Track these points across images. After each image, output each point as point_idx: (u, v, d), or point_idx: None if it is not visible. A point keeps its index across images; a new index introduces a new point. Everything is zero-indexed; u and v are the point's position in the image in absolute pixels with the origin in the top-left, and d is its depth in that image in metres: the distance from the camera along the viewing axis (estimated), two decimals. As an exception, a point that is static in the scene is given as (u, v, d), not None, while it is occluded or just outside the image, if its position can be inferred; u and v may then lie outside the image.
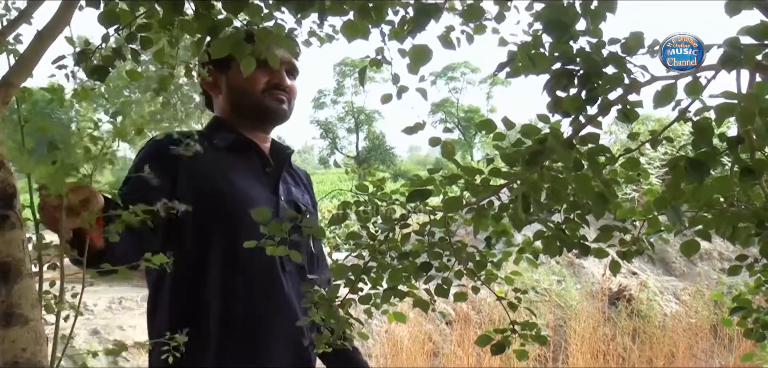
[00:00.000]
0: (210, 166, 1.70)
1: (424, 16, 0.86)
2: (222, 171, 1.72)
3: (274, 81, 1.82)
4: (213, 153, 1.72)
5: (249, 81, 1.79)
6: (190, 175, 1.65)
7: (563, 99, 0.87)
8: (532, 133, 0.88)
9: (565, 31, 0.80)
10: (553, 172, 0.90)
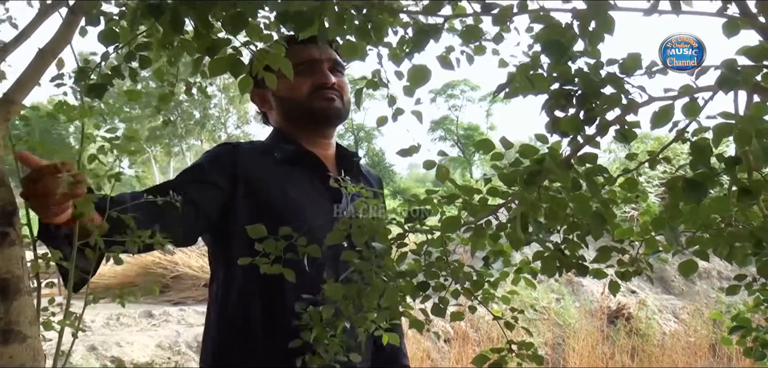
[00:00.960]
0: (267, 177, 1.67)
1: (423, 36, 0.86)
2: (278, 183, 1.68)
3: (318, 82, 1.75)
4: (273, 165, 1.70)
5: (293, 89, 1.74)
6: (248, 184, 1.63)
7: (561, 119, 0.87)
8: (530, 152, 0.88)
9: (563, 52, 0.80)
10: (552, 192, 0.90)
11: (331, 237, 0.96)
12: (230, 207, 1.60)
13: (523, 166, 0.88)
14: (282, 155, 1.73)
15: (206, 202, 1.55)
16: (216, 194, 1.58)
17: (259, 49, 0.87)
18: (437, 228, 0.94)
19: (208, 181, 1.58)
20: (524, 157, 0.88)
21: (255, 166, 1.68)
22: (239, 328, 1.62)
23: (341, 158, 1.85)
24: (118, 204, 1.09)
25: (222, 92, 26.20)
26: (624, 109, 0.87)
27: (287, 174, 1.69)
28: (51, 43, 0.94)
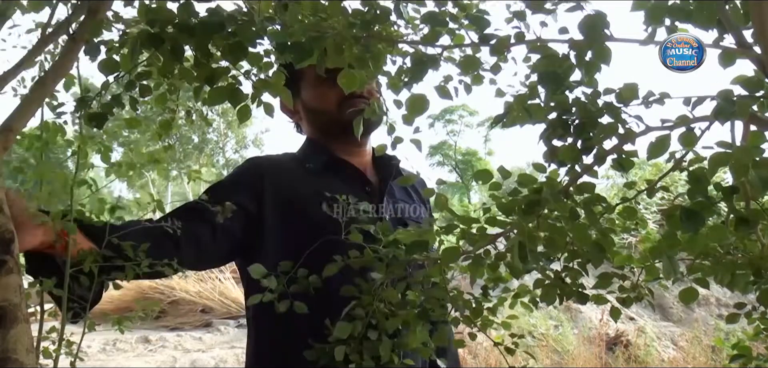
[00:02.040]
0: (301, 188, 1.61)
1: (422, 66, 0.87)
2: (313, 194, 1.59)
3: (347, 92, 1.69)
4: (307, 175, 1.65)
5: (322, 99, 1.69)
6: (277, 197, 1.57)
7: (559, 148, 0.87)
8: (529, 182, 0.88)
9: (560, 83, 0.81)
10: (550, 221, 0.90)
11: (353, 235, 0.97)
12: (258, 224, 1.54)
13: (521, 195, 0.88)
14: (314, 165, 1.68)
15: (227, 222, 1.45)
16: (238, 212, 1.48)
17: (258, 78, 0.88)
18: (437, 258, 0.94)
19: (229, 199, 1.52)
20: (522, 187, 0.89)
21: (287, 177, 1.63)
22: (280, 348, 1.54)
23: (379, 164, 1.77)
24: (119, 231, 1.08)
25: (220, 117, 26.27)
26: (621, 139, 0.87)
27: (324, 184, 1.59)
28: (51, 72, 0.94)
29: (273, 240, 1.53)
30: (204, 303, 8.53)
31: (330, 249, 1.23)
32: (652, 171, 9.57)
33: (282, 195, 1.58)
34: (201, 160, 28.42)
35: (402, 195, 1.76)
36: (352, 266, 1.08)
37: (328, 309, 1.26)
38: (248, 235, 1.53)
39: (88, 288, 1.07)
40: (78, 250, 1.07)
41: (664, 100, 0.90)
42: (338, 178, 1.66)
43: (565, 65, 0.85)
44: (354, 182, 1.67)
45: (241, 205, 1.50)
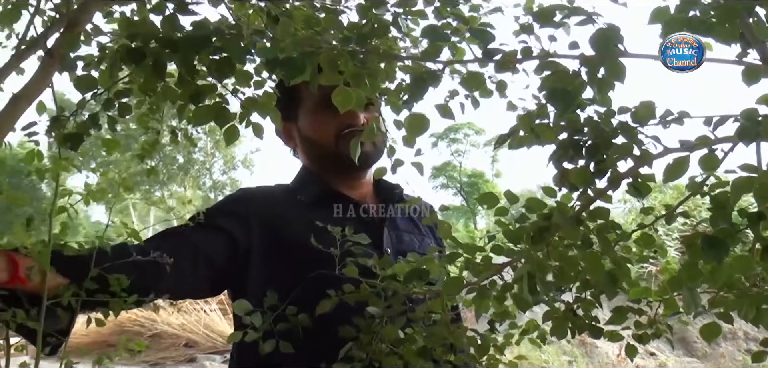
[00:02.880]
0: (291, 221, 1.60)
1: (422, 83, 0.87)
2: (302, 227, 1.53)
3: (346, 122, 1.63)
4: (297, 208, 1.64)
5: (318, 129, 1.68)
6: (267, 230, 1.57)
7: (570, 171, 0.88)
8: (537, 207, 0.88)
9: (570, 101, 0.81)
10: (561, 249, 0.90)
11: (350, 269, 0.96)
12: (246, 256, 1.54)
13: (529, 221, 0.88)
14: (306, 197, 1.68)
15: (208, 248, 1.49)
16: (223, 240, 1.52)
17: (247, 97, 0.88)
18: (439, 290, 0.94)
19: (214, 226, 1.52)
20: (531, 212, 0.89)
21: (277, 208, 1.64)
22: None
23: (382, 194, 1.76)
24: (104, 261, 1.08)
25: (207, 135, 26.32)
26: (637, 161, 0.87)
27: (317, 217, 1.51)
28: (26, 89, 0.95)
29: (261, 275, 1.52)
30: (188, 336, 8.48)
31: (323, 285, 1.23)
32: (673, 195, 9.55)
33: (271, 226, 1.58)
34: (186, 182, 28.44)
35: (406, 226, 1.74)
36: (348, 302, 1.07)
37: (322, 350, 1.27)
38: (234, 267, 1.53)
39: (67, 324, 1.07)
40: (56, 285, 1.07)
41: (683, 119, 0.90)
42: (333, 211, 1.65)
43: (576, 82, 0.85)
44: (352, 215, 1.66)
45: (228, 233, 1.51)
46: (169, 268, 1.20)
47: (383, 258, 1.10)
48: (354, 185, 1.73)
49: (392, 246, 1.63)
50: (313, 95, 1.61)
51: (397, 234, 1.69)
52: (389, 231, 1.67)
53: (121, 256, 1.13)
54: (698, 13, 0.84)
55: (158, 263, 1.19)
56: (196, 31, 0.87)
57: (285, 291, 1.34)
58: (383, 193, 1.76)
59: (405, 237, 1.70)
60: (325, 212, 1.58)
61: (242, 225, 1.56)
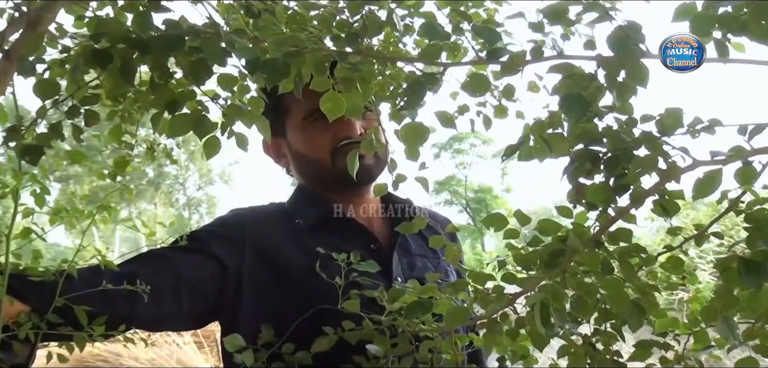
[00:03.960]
0: (288, 248, 1.59)
1: (420, 88, 0.87)
2: (301, 255, 1.56)
3: (341, 135, 1.62)
4: (296, 233, 1.62)
5: (310, 146, 1.66)
6: (262, 258, 1.55)
7: (587, 188, 0.88)
8: (552, 229, 0.88)
9: (585, 107, 0.82)
10: (578, 275, 0.90)
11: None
12: (237, 286, 1.52)
13: (543, 244, 0.89)
14: (305, 220, 1.66)
15: (194, 275, 1.47)
16: (212, 266, 1.49)
17: (229, 105, 0.88)
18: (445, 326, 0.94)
19: (201, 250, 1.50)
20: (544, 234, 0.89)
21: (272, 234, 1.62)
22: None
23: (390, 212, 1.74)
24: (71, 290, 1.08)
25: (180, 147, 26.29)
26: (663, 176, 0.87)
27: (318, 243, 1.49)
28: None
29: (255, 308, 1.51)
30: (157, 374, 8.43)
31: (324, 320, 1.25)
32: (705, 213, 9.53)
33: (266, 253, 1.57)
34: (157, 199, 28.38)
35: (420, 248, 1.72)
36: (349, 340, 1.07)
37: None
38: (224, 297, 1.51)
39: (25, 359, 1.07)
40: (15, 313, 1.07)
41: (714, 128, 0.90)
42: (335, 235, 1.62)
43: (593, 86, 0.86)
44: (355, 239, 1.64)
45: (217, 259, 1.50)
46: (146, 297, 1.20)
47: (391, 290, 1.10)
48: (357, 203, 1.71)
49: (403, 274, 1.61)
50: (301, 105, 1.60)
51: (409, 259, 1.67)
52: (400, 256, 1.66)
53: (91, 282, 1.13)
54: (730, 9, 0.84)
55: (134, 291, 1.18)
56: (169, 31, 0.87)
57: (281, 327, 1.35)
58: (392, 211, 1.74)
59: (418, 262, 1.68)
60: (327, 236, 1.58)
61: (234, 251, 1.54)
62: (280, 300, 1.48)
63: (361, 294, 1.15)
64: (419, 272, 1.63)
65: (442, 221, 1.82)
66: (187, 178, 29.77)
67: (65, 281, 1.08)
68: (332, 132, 1.61)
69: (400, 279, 1.58)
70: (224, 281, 1.50)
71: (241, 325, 1.45)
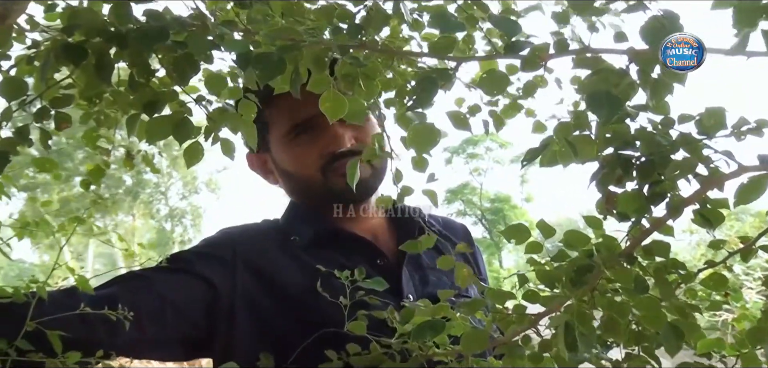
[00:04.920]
0: (285, 268, 1.60)
1: (430, 85, 0.87)
2: (300, 275, 1.57)
3: (329, 150, 1.64)
4: (293, 252, 1.63)
5: (297, 161, 1.68)
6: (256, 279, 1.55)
7: (618, 196, 0.88)
8: (579, 242, 0.88)
9: (616, 107, 0.81)
10: (609, 294, 0.90)
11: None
12: (229, 310, 1.53)
13: (569, 259, 0.89)
14: (303, 238, 1.66)
15: (180, 297, 1.47)
16: (200, 288, 1.50)
17: (215, 108, 0.88)
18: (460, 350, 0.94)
19: (188, 271, 1.51)
20: (570, 248, 0.89)
21: (267, 253, 1.63)
22: None
23: (398, 224, 1.76)
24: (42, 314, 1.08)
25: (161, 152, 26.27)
26: (704, 182, 0.87)
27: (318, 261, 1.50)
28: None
29: (251, 333, 1.51)
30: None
31: (328, 344, 1.24)
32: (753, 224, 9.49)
33: (262, 273, 1.57)
34: (136, 209, 28.38)
35: (432, 259, 1.68)
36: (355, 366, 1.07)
37: None
38: (215, 322, 1.51)
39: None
40: None
41: (762, 129, 0.90)
42: (336, 251, 1.64)
43: (624, 83, 0.86)
44: (359, 254, 1.64)
45: (207, 280, 1.50)
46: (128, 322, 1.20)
47: (403, 310, 1.10)
48: (357, 218, 1.72)
49: (415, 290, 1.62)
50: (282, 119, 1.63)
51: (421, 274, 1.67)
52: (410, 271, 1.66)
53: (65, 306, 1.13)
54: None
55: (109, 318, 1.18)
56: (151, 23, 0.87)
57: (281, 353, 1.39)
58: (400, 223, 1.75)
59: (431, 276, 1.68)
60: (327, 253, 1.60)
61: (223, 270, 1.54)
62: (279, 324, 1.49)
63: (369, 315, 1.15)
64: (433, 288, 1.62)
65: (459, 231, 1.86)
66: (169, 186, 29.74)
67: (38, 303, 1.08)
68: (319, 146, 1.63)
69: (412, 297, 1.58)
70: (214, 303, 1.50)
71: (237, 354, 1.44)
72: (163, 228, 30.37)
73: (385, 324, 1.15)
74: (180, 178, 29.47)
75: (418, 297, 1.54)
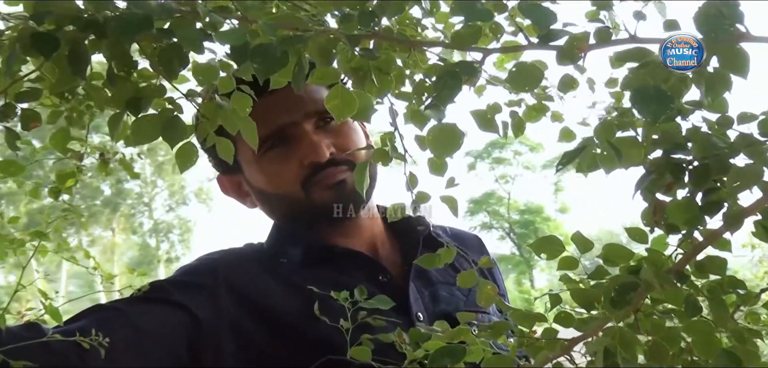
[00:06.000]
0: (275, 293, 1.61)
1: (453, 80, 0.87)
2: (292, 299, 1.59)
3: (308, 161, 1.64)
4: (282, 274, 1.65)
5: (273, 179, 1.69)
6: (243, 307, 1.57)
7: (668, 205, 0.88)
8: (621, 257, 0.88)
9: (665, 105, 0.81)
10: (655, 317, 0.90)
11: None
12: (215, 343, 1.53)
13: (609, 277, 0.88)
14: (291, 258, 1.69)
15: (156, 328, 1.48)
16: (180, 319, 1.51)
17: (208, 103, 0.88)
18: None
19: (165, 300, 1.52)
20: (611, 265, 0.89)
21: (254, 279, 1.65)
22: None
23: (401, 233, 1.78)
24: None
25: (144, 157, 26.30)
26: (767, 190, 0.87)
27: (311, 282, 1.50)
28: None
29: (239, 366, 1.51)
30: None
31: None
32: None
33: (249, 300, 1.58)
34: (115, 223, 28.43)
35: (444, 275, 1.72)
36: None
37: None
38: (199, 355, 1.51)
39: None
40: None
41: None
42: (332, 270, 1.64)
43: (675, 78, 0.86)
44: (358, 271, 1.65)
45: (186, 310, 1.50)
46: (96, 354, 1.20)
47: (412, 330, 1.10)
48: (350, 232, 1.74)
49: (426, 309, 1.62)
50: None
51: (431, 290, 1.68)
52: (419, 287, 1.66)
53: (26, 340, 1.13)
54: None
55: (82, 346, 1.19)
56: (133, 9, 0.87)
57: None
58: (403, 232, 1.76)
59: (442, 292, 1.69)
60: (321, 272, 1.60)
61: (205, 299, 1.55)
62: (273, 354, 1.50)
63: (374, 339, 1.15)
64: (446, 305, 1.65)
65: (471, 241, 1.89)
66: (153, 196, 29.76)
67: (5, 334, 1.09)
68: (296, 158, 1.64)
69: (421, 316, 1.59)
70: (197, 335, 1.50)
71: None
72: (147, 244, 30.39)
73: (393, 349, 1.15)
74: (166, 186, 29.49)
75: (430, 317, 1.58)
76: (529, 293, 21.84)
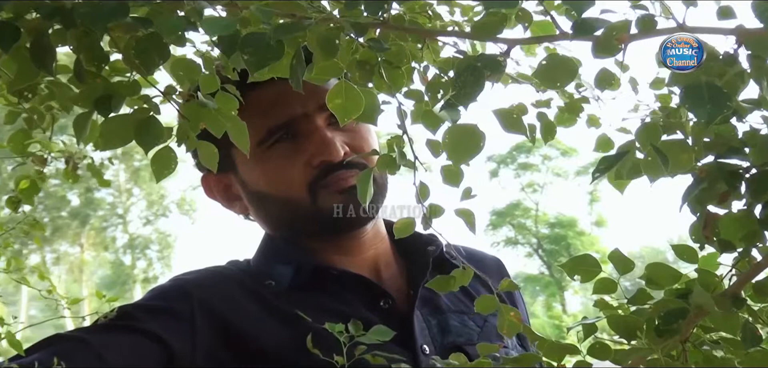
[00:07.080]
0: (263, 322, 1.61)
1: (474, 75, 0.87)
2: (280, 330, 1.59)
3: (317, 161, 1.65)
4: (268, 300, 1.64)
5: (276, 178, 1.68)
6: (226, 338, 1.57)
7: (721, 219, 0.88)
8: (666, 278, 0.88)
9: (720, 104, 0.81)
10: (706, 347, 0.90)
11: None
12: None
13: (653, 302, 0.88)
14: (280, 282, 1.68)
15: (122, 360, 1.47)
16: (150, 350, 1.50)
17: (189, 103, 0.88)
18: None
19: (133, 328, 1.51)
20: (655, 287, 0.89)
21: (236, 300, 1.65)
22: None
23: (407, 253, 1.79)
24: None
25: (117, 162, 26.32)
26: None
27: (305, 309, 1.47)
28: None
29: None
30: None
31: None
32: None
33: (229, 328, 1.58)
34: (84, 238, 28.45)
35: (456, 302, 1.73)
36: None
37: None
38: None
39: None
40: None
41: None
42: (325, 295, 1.65)
43: (731, 73, 0.86)
44: (356, 297, 1.66)
45: (158, 339, 1.50)
46: None
47: None
48: (351, 250, 1.74)
49: (433, 341, 1.63)
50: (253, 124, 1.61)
51: (440, 319, 1.68)
52: (425, 315, 1.66)
53: None
54: None
55: None
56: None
57: None
58: (410, 254, 1.77)
59: (453, 321, 1.69)
60: (313, 298, 1.61)
61: (179, 327, 1.55)
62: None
63: None
64: (457, 337, 1.65)
65: (490, 263, 1.90)
66: (128, 207, 29.75)
67: None
68: (305, 156, 1.64)
69: (427, 349, 1.59)
70: (168, 359, 1.50)
71: None
72: (121, 261, 30.34)
73: None
74: (143, 196, 29.47)
75: (437, 350, 1.58)
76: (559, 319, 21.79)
